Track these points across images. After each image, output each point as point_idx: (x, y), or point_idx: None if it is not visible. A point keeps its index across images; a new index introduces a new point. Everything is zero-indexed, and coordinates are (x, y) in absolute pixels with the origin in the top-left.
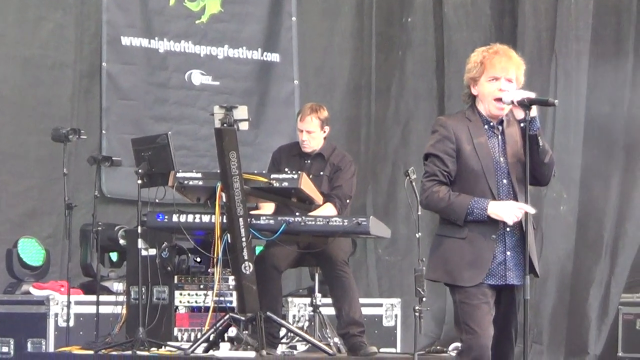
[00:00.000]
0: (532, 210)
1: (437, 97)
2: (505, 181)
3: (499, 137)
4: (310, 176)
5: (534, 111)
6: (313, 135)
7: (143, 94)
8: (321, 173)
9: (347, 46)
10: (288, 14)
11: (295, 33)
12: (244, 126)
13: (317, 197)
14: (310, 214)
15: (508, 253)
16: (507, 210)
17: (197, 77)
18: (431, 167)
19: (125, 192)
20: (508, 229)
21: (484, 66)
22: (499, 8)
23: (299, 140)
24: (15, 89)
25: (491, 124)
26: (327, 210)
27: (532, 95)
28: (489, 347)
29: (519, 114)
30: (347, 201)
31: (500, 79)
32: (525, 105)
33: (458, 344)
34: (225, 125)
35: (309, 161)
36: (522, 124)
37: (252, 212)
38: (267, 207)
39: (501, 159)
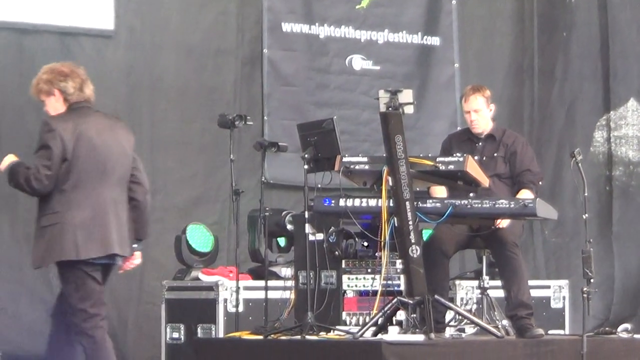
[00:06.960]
0: None
1: (602, 78)
2: None
3: None
4: (484, 158)
5: None
6: (481, 113)
7: (304, 79)
8: (495, 154)
9: (507, 29)
10: None
11: (456, 16)
12: (409, 110)
13: (483, 180)
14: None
15: None
16: None
17: (358, 62)
18: None
19: (287, 178)
20: None
21: None
22: None
23: (468, 122)
24: (178, 77)
25: None
26: (525, 195)
27: None
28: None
29: None
30: (540, 183)
31: None
32: None
33: (627, 325)
34: (390, 109)
35: (480, 144)
36: None
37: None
38: (439, 191)
39: None
